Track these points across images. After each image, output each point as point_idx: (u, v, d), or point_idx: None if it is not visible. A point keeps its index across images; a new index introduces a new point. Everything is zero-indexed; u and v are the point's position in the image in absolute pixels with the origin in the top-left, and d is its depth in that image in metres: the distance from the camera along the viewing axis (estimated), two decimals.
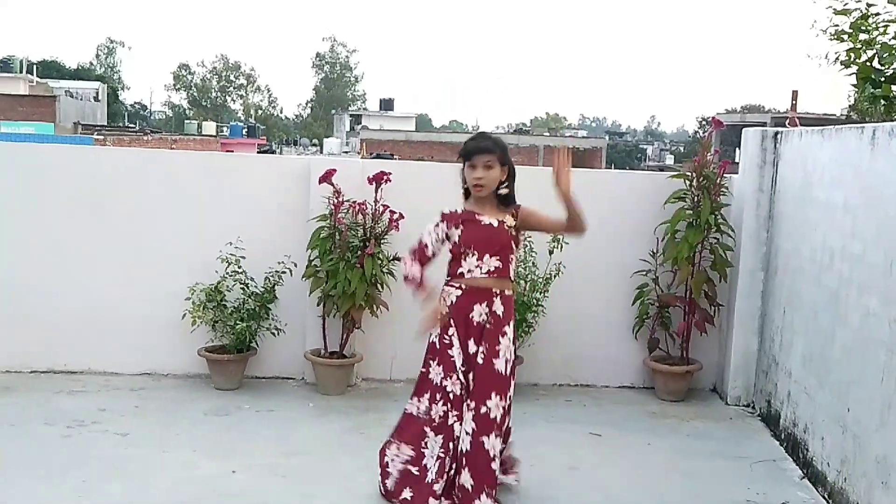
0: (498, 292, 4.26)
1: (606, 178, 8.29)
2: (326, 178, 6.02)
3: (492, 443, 4.17)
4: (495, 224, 4.26)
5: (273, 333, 6.34)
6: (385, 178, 6.03)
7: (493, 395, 4.20)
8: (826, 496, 4.70)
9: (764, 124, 21.23)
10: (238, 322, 6.12)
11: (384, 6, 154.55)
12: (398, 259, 6.12)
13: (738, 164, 6.60)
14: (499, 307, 4.26)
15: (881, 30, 5.40)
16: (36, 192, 6.38)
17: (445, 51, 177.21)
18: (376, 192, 6.07)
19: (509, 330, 4.29)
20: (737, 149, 6.84)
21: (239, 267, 6.19)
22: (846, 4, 5.47)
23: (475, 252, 4.23)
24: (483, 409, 4.18)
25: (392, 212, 6.06)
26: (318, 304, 6.21)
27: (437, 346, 4.30)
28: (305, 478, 4.73)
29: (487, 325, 4.24)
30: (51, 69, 68.88)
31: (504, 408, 4.23)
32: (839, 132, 5.05)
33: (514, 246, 4.34)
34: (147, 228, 6.42)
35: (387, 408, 5.97)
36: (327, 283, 6.04)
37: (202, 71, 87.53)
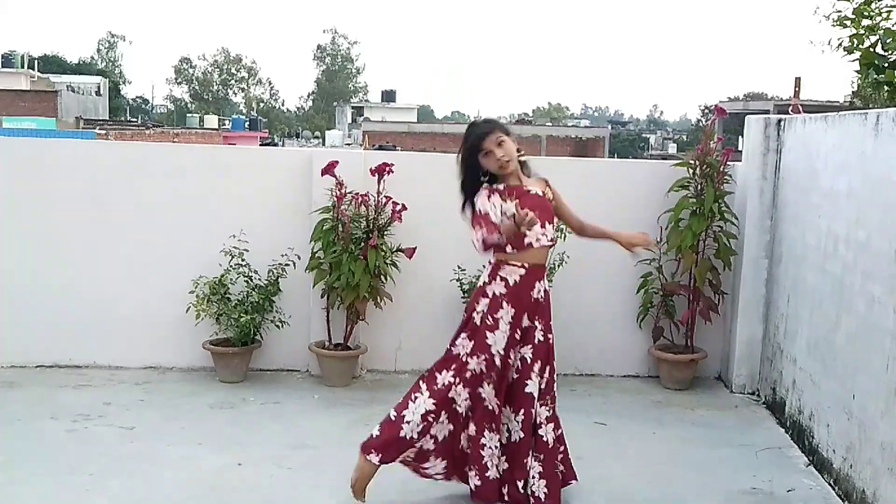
0: (544, 265, 4.31)
1: (609, 168, 8.29)
2: (329, 170, 6.01)
3: (540, 413, 4.29)
4: (541, 193, 4.27)
5: (277, 326, 6.35)
6: (388, 169, 6.03)
7: (546, 367, 4.30)
8: (832, 483, 4.70)
9: (767, 112, 21.20)
10: (242, 315, 6.12)
11: None
12: (401, 250, 6.13)
13: (741, 151, 6.58)
14: (545, 283, 4.32)
15: (884, 15, 5.37)
16: (40, 187, 6.38)
17: (447, 41, 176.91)
18: (379, 183, 6.06)
19: (549, 304, 4.35)
20: (740, 137, 6.83)
21: (242, 260, 6.19)
22: None
23: (538, 220, 4.11)
24: (545, 379, 4.29)
25: (395, 203, 6.05)
26: (321, 297, 6.21)
27: (478, 325, 4.22)
28: (312, 470, 4.74)
29: (541, 301, 4.26)
30: (52, 64, 68.93)
31: (552, 376, 4.36)
32: (843, 119, 5.03)
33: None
34: (150, 222, 6.42)
35: (392, 399, 5.94)
36: (331, 275, 6.04)
37: (203, 64, 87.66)
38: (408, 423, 4.23)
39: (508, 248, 4.17)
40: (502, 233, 4.00)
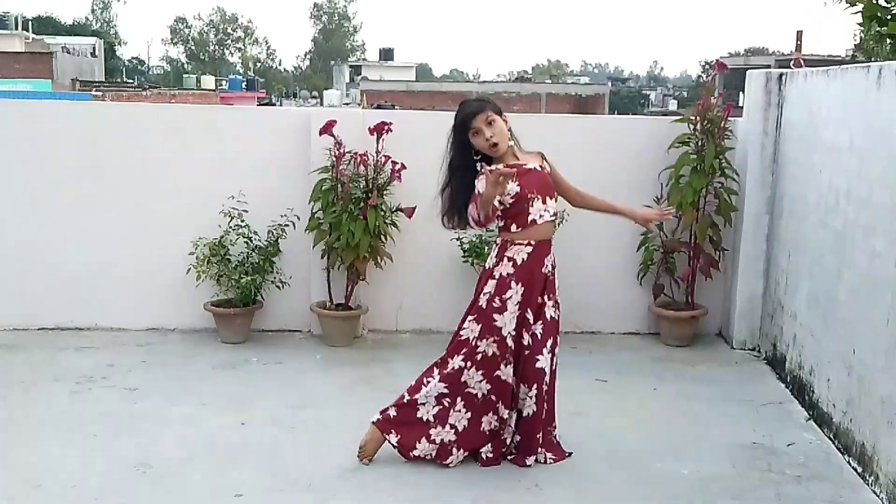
0: (551, 239, 4.30)
1: (609, 124, 8.23)
2: (327, 129, 5.97)
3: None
4: (538, 168, 4.24)
5: (278, 287, 6.35)
6: (386, 128, 5.99)
7: (548, 342, 4.30)
8: (832, 437, 4.74)
9: (768, 67, 21.05)
10: (243, 276, 6.12)
11: None
12: (401, 210, 6.11)
13: (742, 107, 6.54)
14: (553, 258, 4.31)
15: None
16: (38, 150, 6.35)
17: None
18: (378, 142, 6.03)
19: (556, 278, 4.37)
20: (741, 92, 6.79)
21: (242, 221, 6.18)
22: None
23: (539, 196, 4.16)
24: (542, 360, 4.26)
25: (394, 162, 6.02)
26: (322, 257, 6.21)
27: (484, 308, 4.22)
28: (314, 429, 4.77)
29: (549, 276, 4.29)
30: (46, 25, 68.33)
31: (553, 352, 4.38)
32: (844, 72, 4.99)
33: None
34: (149, 184, 6.40)
35: (393, 358, 6.01)
36: (331, 235, 6.03)
37: (199, 24, 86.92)
38: (422, 405, 4.28)
39: (513, 227, 4.18)
40: (478, 206, 4.00)
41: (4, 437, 4.58)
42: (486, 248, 6.21)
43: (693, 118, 6.32)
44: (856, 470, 4.36)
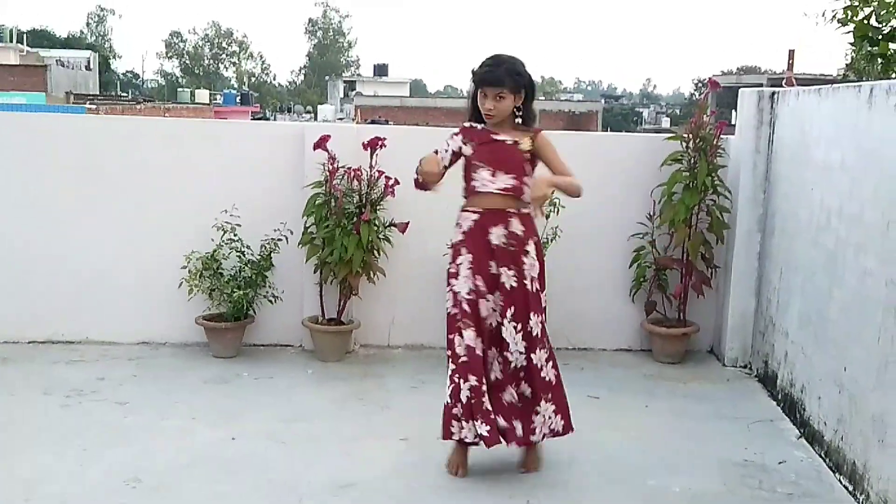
0: (514, 212, 4.22)
1: (602, 141, 8.27)
2: (321, 144, 5.98)
3: (539, 357, 4.30)
4: (509, 142, 4.23)
5: (270, 301, 6.34)
6: (380, 143, 6.00)
7: (531, 315, 4.25)
8: (823, 455, 4.74)
9: (760, 85, 21.15)
10: (235, 290, 6.11)
11: None
12: (394, 225, 6.12)
13: (734, 125, 6.57)
14: (517, 227, 4.22)
15: None
16: (31, 162, 6.34)
17: (439, 14, 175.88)
18: (371, 157, 6.04)
19: (530, 248, 4.25)
20: (733, 110, 6.82)
21: (235, 235, 6.18)
22: None
23: (489, 168, 4.18)
24: (528, 328, 4.25)
25: (388, 178, 6.03)
26: (314, 272, 6.21)
27: (447, 277, 4.31)
28: (306, 444, 4.75)
29: (510, 248, 4.22)
30: (41, 38, 68.47)
31: (542, 324, 4.30)
32: (836, 91, 5.02)
33: (528, 169, 4.26)
34: (142, 197, 6.40)
35: (385, 373, 5.99)
36: (324, 250, 6.03)
37: (194, 38, 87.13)
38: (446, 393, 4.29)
39: (463, 193, 4.31)
40: (417, 172, 4.19)
41: None
42: None
43: (685, 136, 6.35)
44: (847, 488, 4.36)
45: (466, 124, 4.35)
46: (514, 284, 4.23)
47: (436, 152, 4.26)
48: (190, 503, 4.05)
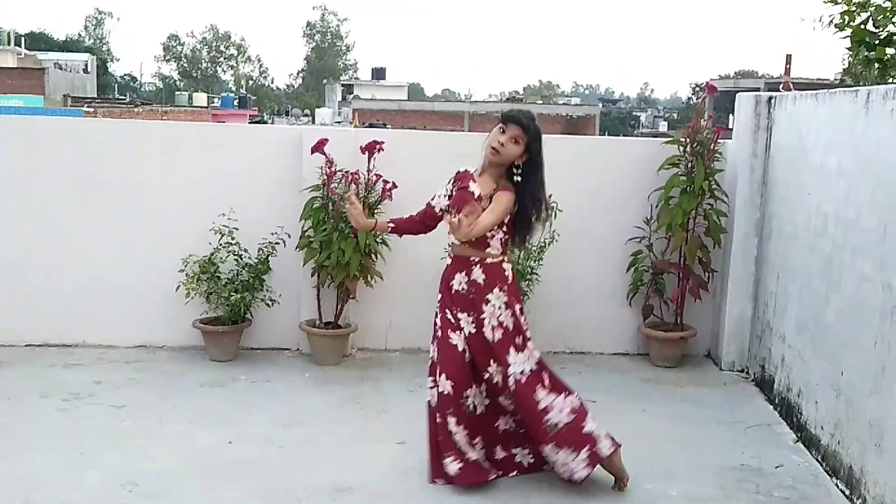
0: (477, 260, 4.23)
1: (600, 145, 8.28)
2: (319, 147, 5.98)
3: (505, 402, 4.33)
4: (476, 193, 4.24)
5: (267, 304, 6.34)
6: (378, 147, 6.01)
7: (491, 361, 4.23)
8: (820, 459, 4.74)
9: (758, 89, 21.17)
10: (232, 293, 6.11)
11: None
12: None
13: (731, 129, 6.58)
14: (479, 275, 4.23)
15: None
16: (28, 165, 6.34)
17: (437, 18, 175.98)
18: (369, 161, 6.04)
19: (494, 296, 4.22)
20: (730, 114, 6.83)
21: (232, 238, 6.18)
22: None
23: (454, 213, 4.19)
24: (486, 376, 4.26)
25: (385, 181, 6.03)
26: (312, 275, 6.21)
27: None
28: (303, 447, 4.75)
29: (471, 295, 4.24)
30: (39, 41, 68.42)
31: (504, 373, 4.22)
32: (833, 96, 5.03)
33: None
34: (140, 200, 6.39)
35: (382, 377, 6.00)
36: (321, 253, 6.03)
37: (192, 42, 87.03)
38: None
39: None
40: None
41: None
42: None
43: (683, 140, 6.36)
44: (843, 493, 4.37)
45: (461, 170, 4.38)
46: (473, 331, 4.26)
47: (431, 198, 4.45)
48: None
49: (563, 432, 4.22)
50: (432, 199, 4.43)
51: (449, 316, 4.27)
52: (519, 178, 4.23)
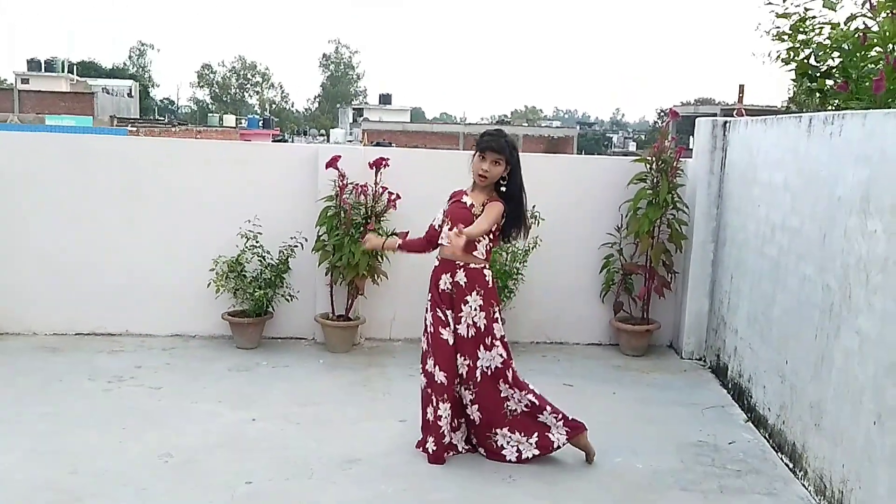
0: (462, 265, 4.18)
1: (578, 163, 8.29)
2: (332, 163, 5.98)
3: (466, 394, 4.28)
4: (468, 204, 4.22)
5: (287, 299, 6.33)
6: (384, 163, 6.00)
7: (457, 356, 4.24)
8: (767, 437, 4.74)
9: (714, 115, 21.19)
10: (256, 290, 6.10)
11: (382, 13, 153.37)
12: (396, 234, 6.10)
13: (692, 149, 6.58)
14: (461, 278, 4.18)
15: (817, 31, 5.37)
16: (80, 177, 6.32)
17: (436, 51, 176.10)
18: (376, 175, 6.04)
19: (472, 298, 4.17)
20: (691, 136, 6.83)
21: (257, 241, 6.17)
22: (787, 9, 5.43)
23: (449, 224, 4.20)
24: (456, 366, 4.25)
25: (390, 193, 6.03)
26: (326, 274, 6.19)
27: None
28: (317, 424, 4.74)
29: (453, 295, 4.21)
30: (89, 69, 68.26)
31: (470, 365, 4.21)
32: (780, 121, 5.04)
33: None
34: (177, 208, 6.38)
35: (387, 363, 5.99)
36: (334, 255, 6.02)
37: (223, 70, 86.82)
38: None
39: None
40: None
41: (45, 428, 4.53)
42: None
43: (650, 158, 6.36)
44: (788, 466, 4.37)
45: (456, 189, 4.34)
46: (457, 327, 4.25)
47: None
48: (214, 477, 4.03)
49: (519, 418, 4.28)
50: (434, 221, 4.34)
51: (439, 313, 4.24)
52: (504, 188, 4.21)
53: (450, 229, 4.12)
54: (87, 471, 4.02)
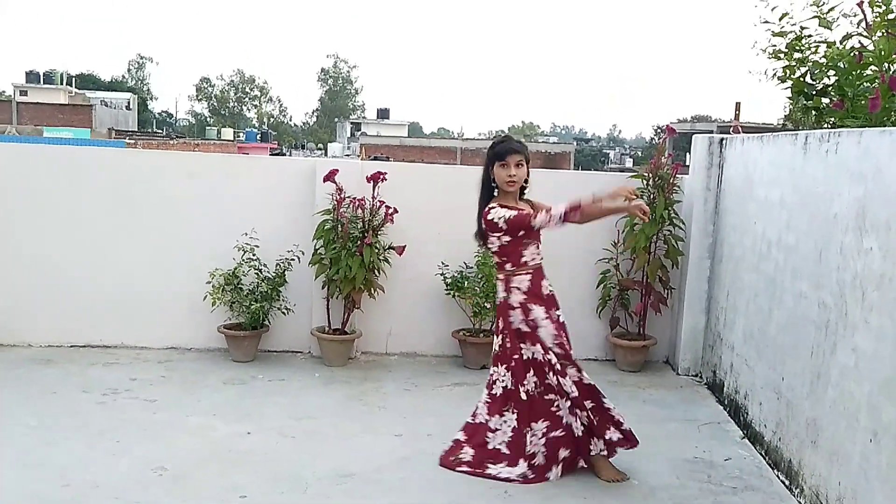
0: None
1: (575, 179, 8.30)
2: (330, 177, 5.99)
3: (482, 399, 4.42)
4: (525, 210, 4.25)
5: (283, 313, 6.32)
6: (381, 177, 6.01)
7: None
8: (763, 454, 4.73)
9: (711, 132, 21.27)
10: (253, 303, 6.09)
11: (380, 28, 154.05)
12: (393, 248, 6.11)
13: (688, 166, 6.60)
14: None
15: (813, 49, 5.39)
16: (76, 189, 6.33)
17: (434, 66, 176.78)
18: (374, 189, 6.04)
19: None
20: (687, 153, 6.86)
21: (253, 254, 6.16)
22: (783, 28, 5.47)
23: (534, 241, 4.25)
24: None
25: (388, 207, 6.04)
26: (322, 288, 6.19)
27: (525, 330, 4.26)
28: (312, 438, 4.72)
29: (553, 293, 4.33)
30: (87, 81, 68.44)
31: (492, 379, 4.38)
32: (776, 138, 5.06)
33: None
34: (173, 221, 6.38)
35: (383, 377, 5.97)
36: (331, 268, 6.02)
37: (221, 83, 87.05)
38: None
39: (508, 266, 4.25)
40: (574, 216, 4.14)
41: (37, 440, 4.50)
42: (466, 282, 6.22)
43: (646, 174, 6.38)
44: (784, 483, 4.35)
45: (501, 203, 4.23)
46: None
47: (521, 214, 4.19)
48: (208, 491, 4.01)
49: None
50: (524, 218, 4.15)
51: (554, 315, 4.34)
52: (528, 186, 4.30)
53: (536, 248, 4.24)
54: (80, 484, 3.99)
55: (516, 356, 4.27)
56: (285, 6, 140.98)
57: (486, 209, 4.21)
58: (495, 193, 4.28)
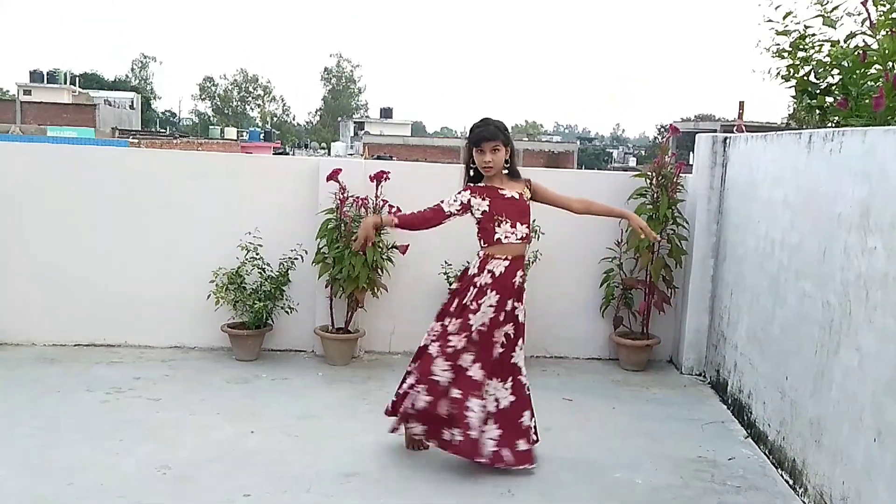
0: (525, 255, 4.37)
1: (578, 178, 8.30)
2: (333, 176, 5.99)
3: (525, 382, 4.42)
4: (516, 196, 4.27)
5: (287, 312, 6.32)
6: (385, 176, 6.01)
7: (520, 340, 4.36)
8: (767, 453, 4.72)
9: (714, 131, 21.24)
10: (256, 302, 6.10)
11: (384, 27, 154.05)
12: (396, 247, 6.11)
13: (692, 165, 6.60)
14: (524, 270, 4.36)
15: (817, 48, 5.39)
16: (81, 187, 6.34)
17: (437, 65, 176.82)
18: (377, 188, 6.05)
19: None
20: (691, 152, 6.85)
21: (257, 254, 6.17)
22: (787, 26, 5.46)
23: (507, 220, 4.21)
24: (516, 356, 4.33)
25: (391, 206, 6.02)
26: (325, 286, 6.19)
27: (461, 307, 4.27)
28: (315, 438, 4.73)
29: (520, 286, 4.30)
30: (91, 81, 68.54)
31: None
32: (780, 138, 5.05)
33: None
34: (177, 220, 6.39)
35: (386, 377, 5.97)
36: (334, 267, 6.02)
37: (224, 83, 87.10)
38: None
39: (482, 242, 4.28)
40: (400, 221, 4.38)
41: (41, 440, 4.51)
42: None
43: (650, 174, 6.37)
44: (788, 482, 4.35)
45: (471, 184, 4.32)
46: (522, 318, 4.35)
47: (436, 205, 4.31)
48: (212, 490, 4.01)
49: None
50: (447, 206, 4.27)
51: (501, 315, 4.28)
52: (507, 171, 4.30)
53: (511, 226, 4.20)
54: (83, 483, 4.00)
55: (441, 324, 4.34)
56: (289, 5, 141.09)
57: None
58: (483, 176, 4.29)
